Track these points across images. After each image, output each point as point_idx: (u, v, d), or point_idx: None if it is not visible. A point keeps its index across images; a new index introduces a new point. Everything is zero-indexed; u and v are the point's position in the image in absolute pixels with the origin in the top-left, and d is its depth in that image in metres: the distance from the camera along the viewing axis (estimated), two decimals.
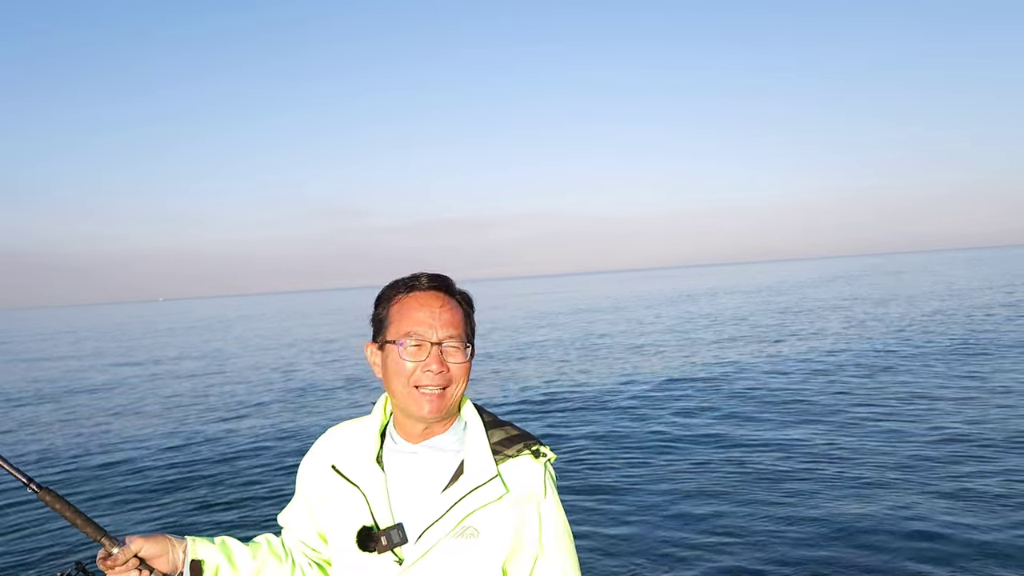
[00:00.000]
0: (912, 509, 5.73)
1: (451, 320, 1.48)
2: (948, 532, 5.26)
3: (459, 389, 1.50)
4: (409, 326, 1.46)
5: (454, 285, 1.54)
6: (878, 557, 4.95)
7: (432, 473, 1.49)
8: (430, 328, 1.46)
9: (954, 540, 5.12)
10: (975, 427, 8.18)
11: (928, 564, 4.80)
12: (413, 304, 1.48)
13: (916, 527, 5.38)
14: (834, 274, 69.59)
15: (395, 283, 1.53)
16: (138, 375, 20.05)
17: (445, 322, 1.47)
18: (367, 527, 1.45)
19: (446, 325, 1.47)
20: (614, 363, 16.18)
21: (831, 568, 4.85)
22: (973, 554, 4.90)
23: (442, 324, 1.46)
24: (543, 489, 1.47)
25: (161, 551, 1.50)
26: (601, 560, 5.20)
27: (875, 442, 7.84)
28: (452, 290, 1.53)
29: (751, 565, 4.96)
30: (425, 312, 1.47)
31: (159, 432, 11.10)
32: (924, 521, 5.48)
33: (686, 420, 9.61)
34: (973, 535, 5.18)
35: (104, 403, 14.86)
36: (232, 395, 14.82)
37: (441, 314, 1.47)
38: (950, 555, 4.91)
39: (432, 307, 1.47)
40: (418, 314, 1.46)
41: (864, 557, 4.97)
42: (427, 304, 1.47)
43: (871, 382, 11.59)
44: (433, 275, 1.52)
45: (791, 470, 6.99)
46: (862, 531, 5.38)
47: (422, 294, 1.49)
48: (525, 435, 1.53)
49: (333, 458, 1.58)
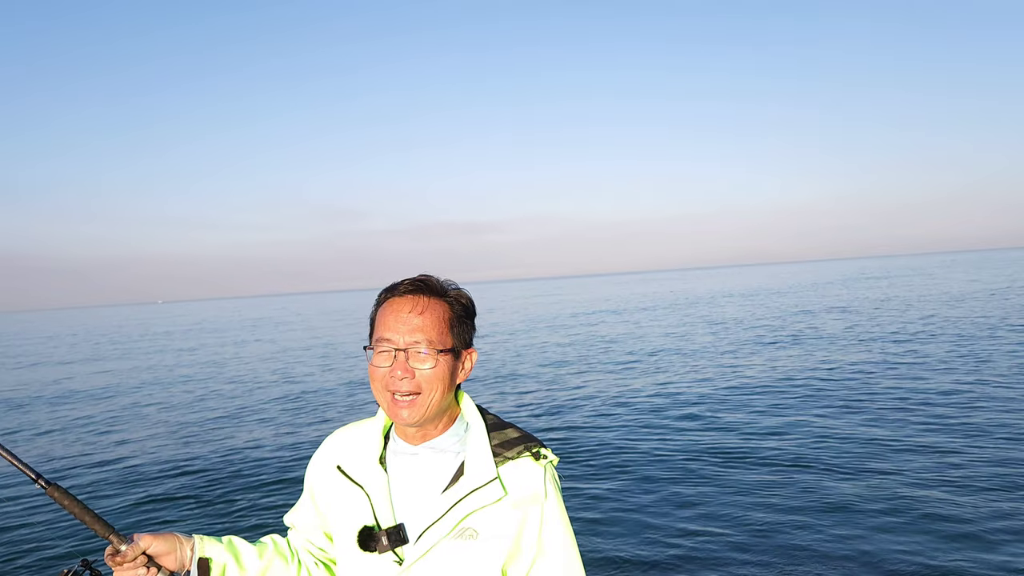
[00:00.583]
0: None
1: (420, 325, 1.45)
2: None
3: (434, 396, 1.46)
4: (380, 332, 1.47)
5: (441, 287, 1.51)
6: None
7: (432, 474, 1.50)
8: (397, 333, 1.45)
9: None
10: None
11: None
12: (388, 309, 1.48)
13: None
14: (834, 277, 69.56)
15: (386, 287, 1.53)
16: (139, 377, 20.02)
17: (414, 327, 1.45)
18: (368, 527, 1.47)
19: (414, 331, 1.44)
20: (614, 365, 16.19)
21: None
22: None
23: (409, 330, 1.44)
24: (544, 491, 1.46)
25: (169, 549, 1.52)
26: (600, 562, 5.21)
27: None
28: (433, 293, 1.50)
29: (751, 567, 4.99)
30: (394, 317, 1.46)
31: (163, 432, 11.09)
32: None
33: (686, 423, 9.62)
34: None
35: (107, 404, 14.84)
36: (237, 396, 14.81)
37: (410, 319, 1.45)
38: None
39: (402, 312, 1.46)
40: (389, 319, 1.46)
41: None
42: (399, 309, 1.46)
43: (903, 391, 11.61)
44: (416, 279, 1.50)
45: (798, 477, 7.01)
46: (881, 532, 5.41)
47: (398, 299, 1.48)
48: (527, 437, 1.53)
49: (339, 459, 1.60)
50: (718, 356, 16.60)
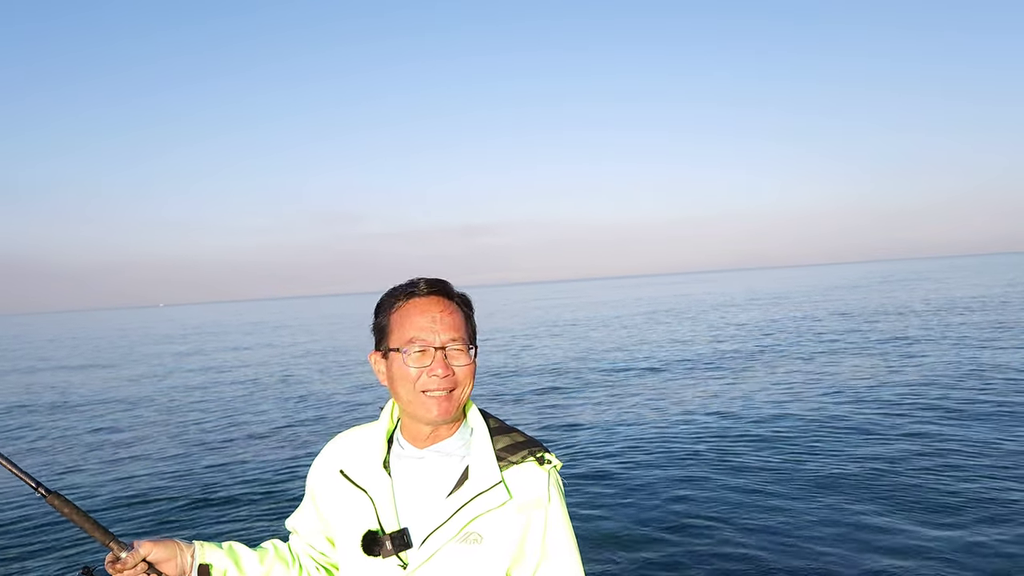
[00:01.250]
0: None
1: (452, 323, 1.49)
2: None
3: (466, 390, 1.51)
4: (412, 332, 1.47)
5: (452, 288, 1.55)
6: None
7: (437, 478, 1.50)
8: (432, 333, 1.46)
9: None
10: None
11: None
12: (414, 311, 1.49)
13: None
14: (839, 281, 69.61)
15: (394, 290, 1.54)
16: (138, 381, 20.01)
17: (447, 326, 1.48)
18: (372, 531, 1.46)
19: (448, 329, 1.48)
20: (614, 369, 16.19)
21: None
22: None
23: (444, 328, 1.47)
24: (547, 496, 1.47)
25: (169, 555, 1.51)
26: (601, 563, 5.20)
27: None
28: (451, 294, 1.54)
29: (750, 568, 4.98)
30: (426, 318, 1.47)
31: (163, 437, 11.08)
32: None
33: (684, 425, 9.62)
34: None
35: (106, 409, 14.83)
36: (237, 400, 14.80)
37: (442, 318, 1.48)
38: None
39: (433, 312, 1.48)
40: (419, 320, 1.47)
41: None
42: (428, 309, 1.48)
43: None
44: (431, 280, 1.52)
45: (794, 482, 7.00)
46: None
47: (422, 300, 1.50)
48: (531, 441, 1.54)
49: (342, 463, 1.59)
50: (721, 360, 16.59)
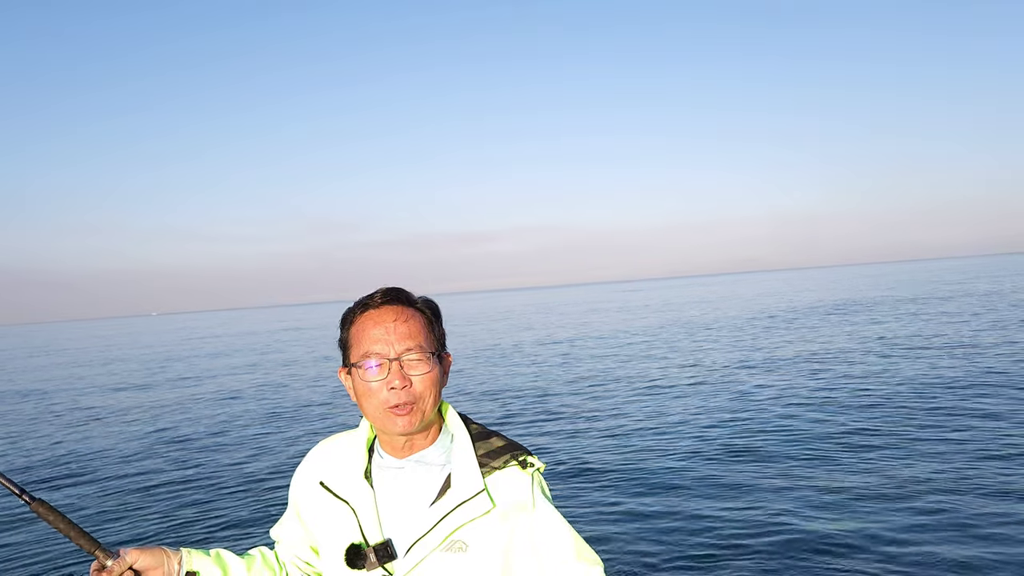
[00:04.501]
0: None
1: (408, 332, 1.44)
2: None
3: (430, 400, 1.46)
4: (367, 346, 1.44)
5: (411, 296, 1.51)
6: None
7: (419, 488, 1.49)
8: (387, 344, 1.43)
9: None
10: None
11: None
12: (368, 323, 1.46)
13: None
14: (843, 284, 69.82)
15: (353, 305, 1.51)
16: (126, 390, 19.89)
17: (401, 335, 1.44)
18: (356, 544, 1.45)
19: (403, 338, 1.43)
20: (611, 373, 16.19)
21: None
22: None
23: (399, 338, 1.43)
24: (531, 500, 1.44)
25: (156, 563, 1.51)
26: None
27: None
28: (409, 301, 1.49)
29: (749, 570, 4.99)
30: (380, 329, 1.44)
31: (150, 445, 11.00)
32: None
33: (682, 426, 9.62)
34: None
35: (92, 416, 14.73)
36: (224, 408, 14.72)
37: (396, 327, 1.44)
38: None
39: (386, 322, 1.44)
40: (373, 332, 1.44)
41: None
42: (381, 321, 1.45)
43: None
44: (387, 289, 1.49)
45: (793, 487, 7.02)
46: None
47: (375, 311, 1.47)
48: (512, 445, 1.52)
49: (322, 474, 1.58)
50: (716, 361, 16.60)
